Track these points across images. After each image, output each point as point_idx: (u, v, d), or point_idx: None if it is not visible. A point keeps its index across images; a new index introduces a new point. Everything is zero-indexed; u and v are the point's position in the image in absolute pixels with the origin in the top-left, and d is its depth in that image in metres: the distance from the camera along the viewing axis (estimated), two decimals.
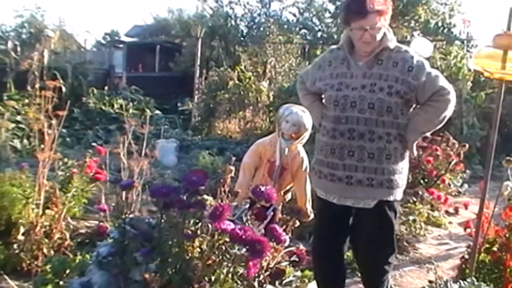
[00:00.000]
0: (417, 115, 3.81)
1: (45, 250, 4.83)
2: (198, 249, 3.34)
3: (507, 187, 5.75)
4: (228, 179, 4.15)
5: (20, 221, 4.99)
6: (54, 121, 5.01)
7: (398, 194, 3.85)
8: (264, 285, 3.66)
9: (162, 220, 3.37)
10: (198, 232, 3.35)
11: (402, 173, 3.85)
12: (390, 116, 3.72)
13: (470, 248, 4.92)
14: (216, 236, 3.21)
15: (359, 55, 3.84)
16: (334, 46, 4.10)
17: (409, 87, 3.69)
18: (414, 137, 3.81)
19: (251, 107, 15.05)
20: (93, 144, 9.47)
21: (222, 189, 3.98)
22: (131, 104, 15.60)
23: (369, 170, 3.74)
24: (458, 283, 2.68)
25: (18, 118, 11.21)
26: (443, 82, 3.76)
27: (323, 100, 4.05)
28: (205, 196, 3.42)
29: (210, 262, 3.28)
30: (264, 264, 3.53)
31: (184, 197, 3.32)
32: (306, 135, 4.93)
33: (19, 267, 4.75)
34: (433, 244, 7.11)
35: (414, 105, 3.86)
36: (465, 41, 16.45)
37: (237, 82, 15.15)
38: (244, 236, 3.06)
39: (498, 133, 4.71)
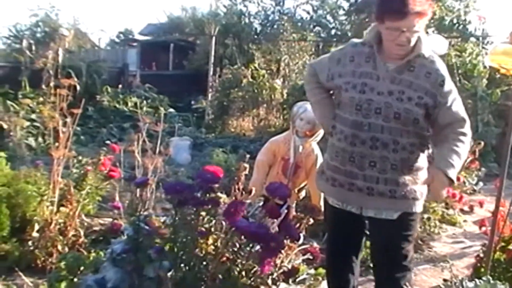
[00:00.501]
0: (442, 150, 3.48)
1: (59, 247, 4.85)
2: (212, 247, 3.34)
3: None
4: (242, 177, 4.14)
5: (35, 218, 5.01)
6: (68, 119, 5.03)
7: (420, 206, 3.65)
8: (278, 283, 3.65)
9: (176, 218, 3.36)
10: (212, 229, 3.36)
11: (423, 183, 3.59)
12: (417, 127, 3.47)
13: (485, 247, 4.89)
14: (230, 234, 3.21)
15: (389, 57, 3.52)
16: (356, 40, 3.77)
17: (435, 102, 3.44)
18: (446, 167, 3.39)
19: (265, 105, 15.02)
20: (107, 142, 9.49)
21: (236, 187, 3.97)
22: (145, 102, 15.62)
23: (392, 181, 3.51)
24: (473, 281, 2.66)
25: (33, 116, 11.26)
26: (464, 112, 3.52)
27: (337, 99, 3.68)
28: (219, 194, 3.42)
29: (224, 259, 3.28)
30: (278, 262, 3.51)
31: (198, 195, 3.31)
32: (320, 133, 4.89)
33: (34, 263, 4.78)
34: (448, 242, 7.08)
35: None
36: (480, 38, 16.36)
37: (250, 80, 15.13)
38: (258, 234, 3.05)
39: None
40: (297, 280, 4.43)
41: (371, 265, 4.10)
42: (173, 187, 3.32)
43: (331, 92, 3.79)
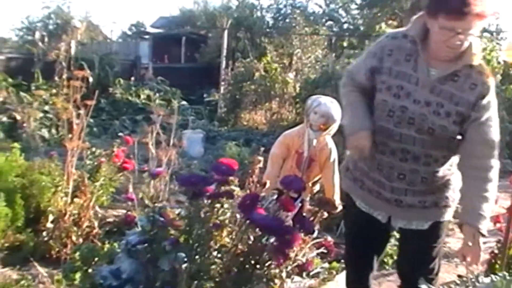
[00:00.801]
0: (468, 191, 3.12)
1: (73, 238, 4.87)
2: (227, 239, 3.35)
3: None
4: (257, 170, 4.15)
5: (49, 209, 5.03)
6: (82, 111, 5.04)
7: (451, 213, 3.39)
8: (292, 276, 3.66)
9: (191, 210, 3.37)
10: (227, 222, 3.36)
11: (455, 188, 3.31)
12: (452, 142, 3.14)
13: (500, 243, 4.87)
14: (245, 226, 3.21)
15: (433, 58, 3.10)
16: (396, 31, 3.35)
17: (469, 116, 3.07)
18: (479, 223, 3.05)
19: (277, 99, 15.02)
20: (120, 134, 9.52)
21: (251, 180, 3.98)
22: (157, 94, 15.67)
23: (421, 193, 3.25)
24: (489, 277, 2.65)
25: (46, 108, 11.31)
26: (497, 135, 3.13)
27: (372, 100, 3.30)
28: (233, 187, 3.42)
29: (238, 252, 3.29)
30: (292, 255, 3.51)
31: (213, 187, 3.32)
32: (334, 127, 4.88)
33: (48, 254, 4.80)
34: (462, 238, 7.04)
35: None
36: (494, 33, 16.29)
37: (263, 73, 15.14)
38: (273, 226, 3.06)
39: None
40: (311, 274, 4.45)
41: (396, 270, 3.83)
42: (188, 179, 3.32)
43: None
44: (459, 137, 3.13)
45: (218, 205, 3.30)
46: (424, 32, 3.10)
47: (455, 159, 3.25)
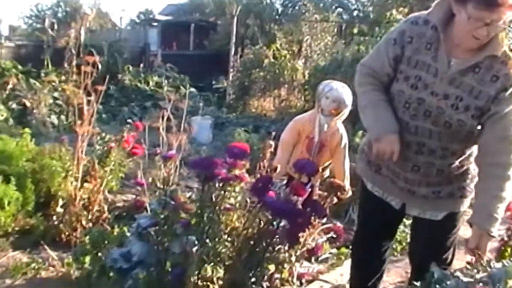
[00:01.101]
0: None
1: (83, 222, 4.88)
2: (238, 223, 3.35)
3: None
4: (268, 154, 4.15)
5: (59, 193, 5.04)
6: (92, 96, 5.04)
7: (467, 203, 3.24)
8: (301, 261, 3.66)
9: (202, 193, 3.36)
10: (237, 205, 3.36)
11: (473, 177, 3.16)
12: (470, 136, 3.00)
13: (510, 230, 4.85)
14: (256, 210, 3.21)
15: (456, 46, 2.91)
16: (417, 15, 3.10)
17: (488, 109, 2.90)
18: (490, 225, 2.89)
19: (286, 86, 14.99)
20: (129, 120, 9.52)
21: (262, 164, 3.98)
22: (166, 81, 15.67)
23: (436, 184, 3.13)
24: (501, 262, 2.62)
25: (56, 94, 11.32)
26: None
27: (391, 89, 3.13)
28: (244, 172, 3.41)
29: (249, 235, 3.29)
30: (302, 240, 3.50)
31: (225, 171, 3.31)
32: (346, 112, 4.86)
33: (58, 238, 4.82)
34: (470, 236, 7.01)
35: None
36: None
37: (272, 60, 15.11)
38: (285, 209, 3.05)
39: None
40: (320, 259, 4.46)
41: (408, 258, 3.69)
42: (200, 162, 3.31)
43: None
44: (479, 127, 2.97)
45: (229, 189, 3.30)
46: (447, 18, 2.91)
47: (474, 150, 3.10)
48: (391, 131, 3.01)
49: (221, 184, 3.29)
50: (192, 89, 15.93)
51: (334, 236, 4.71)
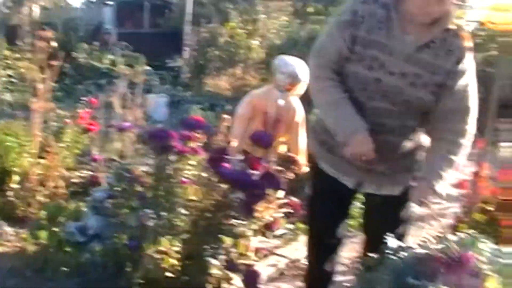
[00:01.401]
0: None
1: (39, 198, 4.85)
2: (194, 195, 3.37)
3: (502, 149, 5.78)
4: (224, 129, 4.15)
5: (14, 169, 4.99)
6: (47, 72, 4.99)
7: None
8: (257, 235, 3.68)
9: (158, 165, 3.37)
10: (194, 178, 3.38)
11: None
12: (428, 111, 2.93)
13: (465, 207, 4.94)
14: (213, 182, 3.23)
15: (408, 24, 2.83)
16: None
17: (445, 84, 2.87)
18: (434, 179, 2.88)
19: (242, 64, 14.98)
20: (84, 98, 9.44)
21: (218, 138, 3.99)
22: (121, 59, 15.53)
23: (393, 160, 3.01)
24: (456, 235, 2.66)
25: (9, 72, 11.16)
26: (474, 103, 2.95)
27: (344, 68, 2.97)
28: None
29: (205, 208, 3.31)
30: (259, 214, 3.50)
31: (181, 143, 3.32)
32: (301, 87, 4.81)
33: (14, 214, 4.77)
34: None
35: None
36: None
37: (227, 39, 15.07)
38: (242, 180, 3.07)
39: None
40: (276, 233, 4.48)
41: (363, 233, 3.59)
42: (156, 133, 3.32)
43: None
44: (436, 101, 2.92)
45: (185, 161, 3.32)
46: None
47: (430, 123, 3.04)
48: (360, 131, 2.88)
49: (176, 157, 3.29)
50: (147, 68, 15.85)
51: (291, 211, 4.75)
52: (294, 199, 5.14)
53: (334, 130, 3.00)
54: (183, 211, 3.31)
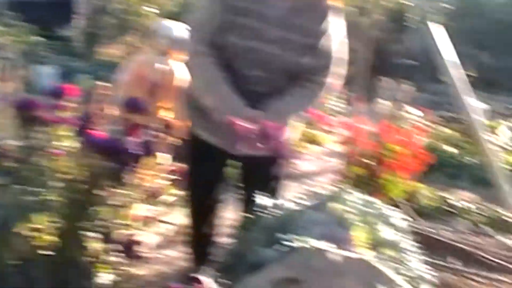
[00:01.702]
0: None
1: None
2: (67, 167, 3.23)
3: (381, 105, 5.92)
4: (100, 97, 4.03)
5: None
6: None
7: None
8: (140, 204, 3.60)
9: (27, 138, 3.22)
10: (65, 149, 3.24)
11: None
12: (303, 70, 3.02)
13: (345, 162, 5.05)
14: (83, 151, 3.11)
15: None
16: None
17: (316, 44, 2.96)
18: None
19: (137, 32, 14.77)
20: None
21: (93, 106, 3.85)
22: (9, 29, 15.01)
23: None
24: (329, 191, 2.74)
25: None
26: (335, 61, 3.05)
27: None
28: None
29: (79, 179, 3.19)
30: (141, 181, 3.43)
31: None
32: (181, 50, 4.65)
33: None
34: (311, 160, 7.22)
35: None
36: None
37: (120, 6, 14.83)
38: (111, 147, 2.97)
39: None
40: (161, 200, 4.41)
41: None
42: (24, 102, 3.16)
43: None
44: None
45: (55, 132, 3.18)
46: None
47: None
48: (239, 111, 2.92)
49: (45, 128, 3.15)
50: (38, 38, 15.41)
51: (178, 177, 4.70)
52: (181, 165, 5.09)
53: (211, 108, 3.06)
54: (55, 184, 3.17)
